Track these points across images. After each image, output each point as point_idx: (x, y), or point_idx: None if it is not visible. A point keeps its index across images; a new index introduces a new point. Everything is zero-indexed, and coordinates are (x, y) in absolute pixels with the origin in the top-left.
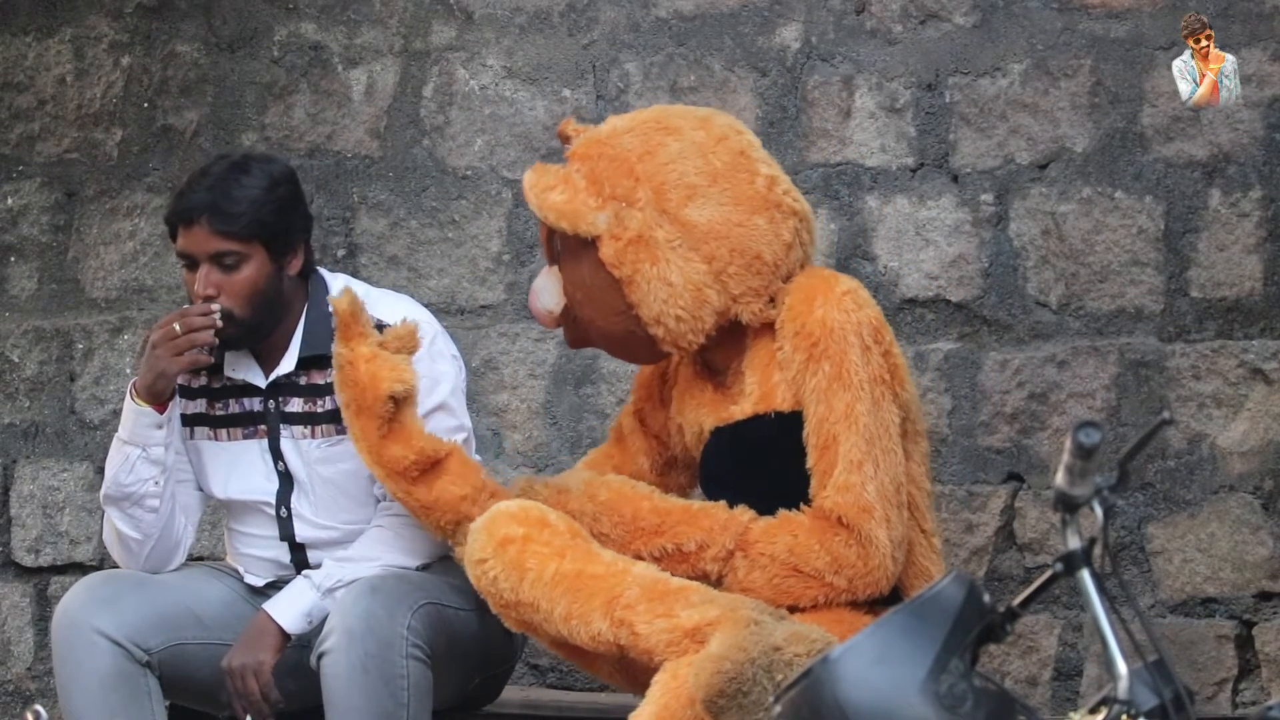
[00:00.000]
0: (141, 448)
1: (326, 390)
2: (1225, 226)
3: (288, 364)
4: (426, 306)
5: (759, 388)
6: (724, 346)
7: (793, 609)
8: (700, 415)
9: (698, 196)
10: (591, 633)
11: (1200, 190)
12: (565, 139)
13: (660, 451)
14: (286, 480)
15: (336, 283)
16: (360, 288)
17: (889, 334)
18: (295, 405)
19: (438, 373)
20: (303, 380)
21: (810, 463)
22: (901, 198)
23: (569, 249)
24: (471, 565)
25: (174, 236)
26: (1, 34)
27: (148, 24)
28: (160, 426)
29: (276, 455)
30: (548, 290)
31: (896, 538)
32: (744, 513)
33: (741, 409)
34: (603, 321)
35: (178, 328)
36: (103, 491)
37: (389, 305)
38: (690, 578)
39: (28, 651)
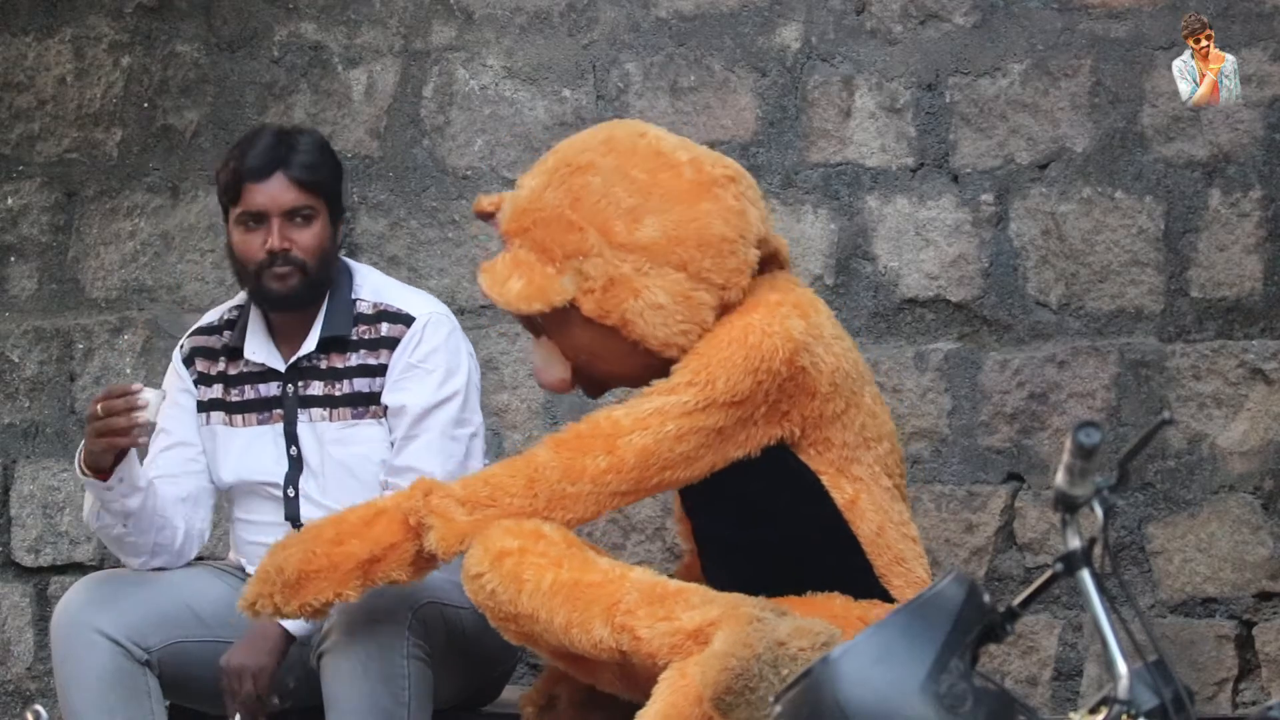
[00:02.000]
0: (101, 504)
1: (346, 374)
2: (1225, 226)
3: (309, 345)
4: None
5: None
6: None
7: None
8: None
9: (641, 216)
10: (592, 640)
11: (1200, 190)
12: (487, 216)
13: None
14: (296, 464)
15: (360, 271)
16: (379, 278)
17: (812, 369)
18: (315, 389)
19: (454, 364)
20: (323, 364)
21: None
22: (901, 198)
23: (551, 322)
24: (468, 580)
25: (235, 200)
26: (1, 34)
27: (148, 24)
28: (111, 488)
29: (290, 440)
30: (550, 362)
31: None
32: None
33: None
34: (619, 367)
35: (100, 410)
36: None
37: (408, 298)
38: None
39: (28, 651)
